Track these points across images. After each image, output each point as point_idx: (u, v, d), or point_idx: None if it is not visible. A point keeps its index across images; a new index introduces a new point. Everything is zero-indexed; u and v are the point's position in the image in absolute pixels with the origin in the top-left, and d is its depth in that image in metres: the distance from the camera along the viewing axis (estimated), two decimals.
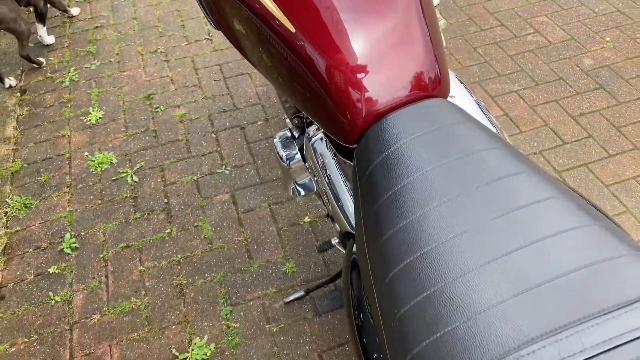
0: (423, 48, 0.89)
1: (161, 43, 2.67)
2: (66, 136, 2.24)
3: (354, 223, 0.90)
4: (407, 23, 0.89)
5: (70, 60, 2.62)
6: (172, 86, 2.43)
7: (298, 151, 1.26)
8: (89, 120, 2.29)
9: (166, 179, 2.03)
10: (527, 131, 2.11)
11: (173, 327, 1.61)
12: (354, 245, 1.03)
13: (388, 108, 0.86)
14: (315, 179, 1.22)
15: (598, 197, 1.87)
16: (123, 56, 2.61)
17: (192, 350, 1.55)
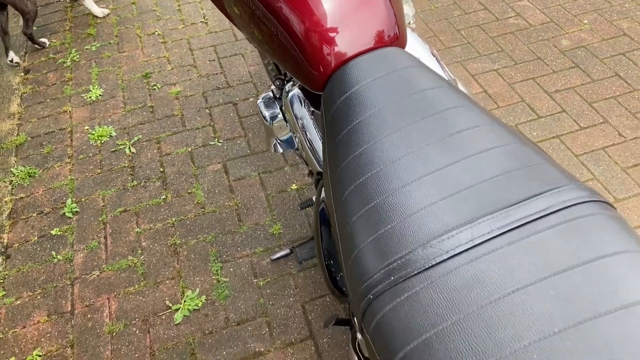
0: (383, 5, 1.01)
1: (158, 26, 2.78)
2: (68, 112, 2.36)
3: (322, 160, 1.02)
4: None
5: (71, 42, 2.74)
6: (169, 66, 2.54)
7: (279, 110, 1.38)
8: (90, 97, 2.41)
9: (162, 150, 2.15)
10: (504, 106, 2.23)
11: (167, 282, 1.73)
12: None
13: (350, 57, 0.98)
14: (294, 135, 1.34)
15: (568, 166, 1.99)
16: (122, 38, 2.73)
17: (185, 301, 1.67)
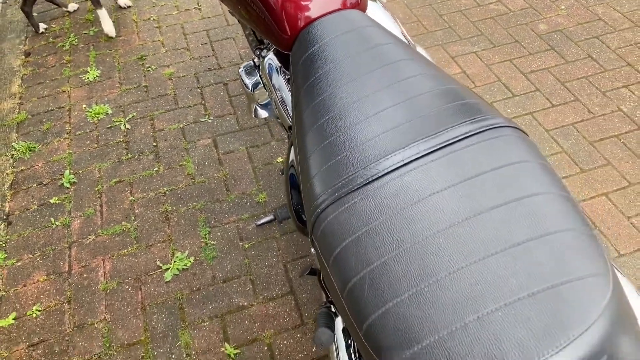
0: None
1: (154, 12, 2.90)
2: (66, 92, 2.47)
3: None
4: None
5: (70, 27, 2.85)
6: (163, 49, 2.66)
7: (260, 78, 1.49)
8: (87, 78, 2.52)
9: (155, 127, 2.27)
10: (481, 85, 2.34)
11: (158, 245, 1.85)
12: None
13: (313, 18, 1.10)
14: (271, 97, 1.45)
15: (539, 140, 2.10)
16: (119, 24, 2.84)
17: (174, 262, 1.79)
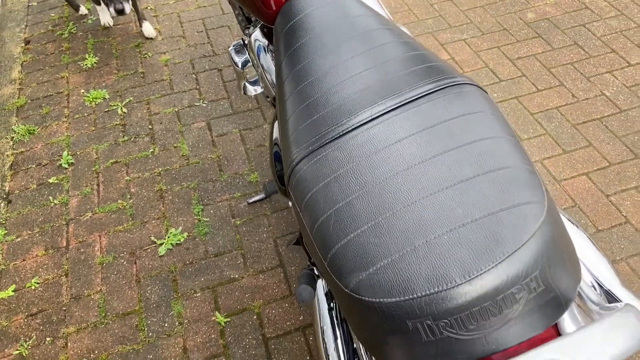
0: None
1: (151, 1, 2.96)
2: (65, 78, 2.54)
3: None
4: None
5: (69, 16, 2.91)
6: (160, 37, 2.72)
7: (248, 55, 1.55)
8: (85, 64, 2.59)
9: (151, 110, 2.33)
10: (469, 71, 2.40)
11: (153, 222, 1.91)
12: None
13: None
14: (257, 71, 1.52)
15: (524, 123, 2.16)
16: None
17: (168, 237, 1.85)
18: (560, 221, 0.66)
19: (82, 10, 2.89)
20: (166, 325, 1.63)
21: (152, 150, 2.16)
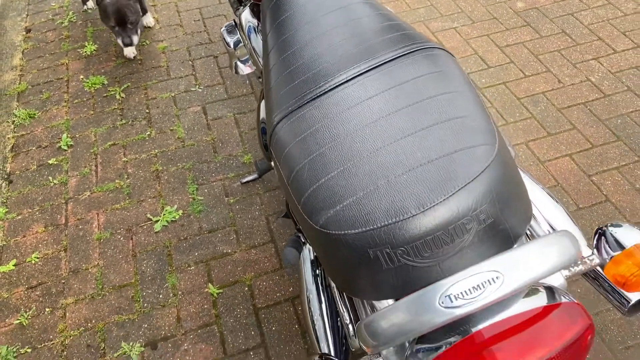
0: None
1: None
2: (65, 64, 2.60)
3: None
4: None
5: (69, 5, 2.98)
6: (157, 25, 2.78)
7: (240, 35, 1.62)
8: (85, 52, 2.65)
9: (148, 95, 2.40)
10: (458, 58, 2.46)
11: (149, 200, 1.98)
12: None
13: None
14: (247, 48, 1.58)
15: (510, 107, 2.22)
16: None
17: (164, 215, 1.91)
18: (512, 165, 0.72)
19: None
20: (161, 296, 1.70)
21: (149, 133, 2.23)
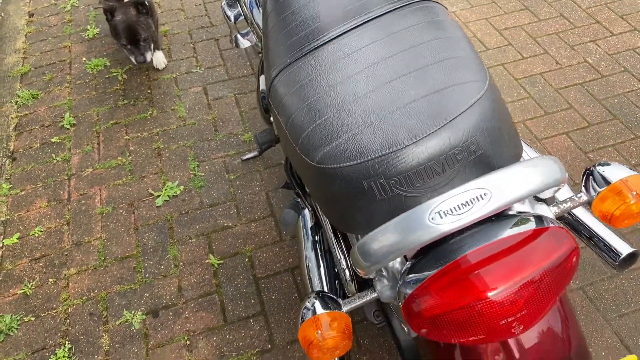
0: None
1: None
2: (67, 47, 2.63)
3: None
4: None
5: None
6: (159, 10, 2.81)
7: (240, 9, 1.64)
8: (87, 35, 2.68)
9: (150, 77, 2.42)
10: None
11: (151, 176, 2.00)
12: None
13: None
14: (248, 21, 1.60)
15: (508, 87, 2.24)
16: None
17: (165, 190, 1.94)
18: (502, 103, 0.74)
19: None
20: (162, 267, 1.72)
21: (151, 112, 2.25)
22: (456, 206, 0.63)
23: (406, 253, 0.66)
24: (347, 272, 0.95)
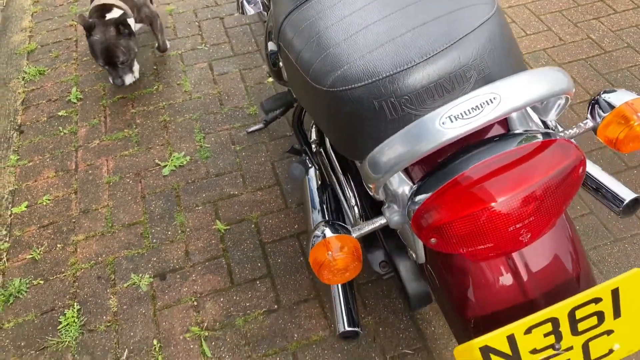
0: None
1: None
2: (73, 26, 2.65)
3: None
4: None
5: None
6: None
7: None
8: None
9: (156, 53, 2.44)
10: None
11: (157, 147, 2.02)
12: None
13: None
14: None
15: None
16: None
17: (172, 160, 1.96)
18: (508, 26, 0.76)
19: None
20: (169, 233, 1.74)
21: (157, 87, 2.27)
22: (466, 110, 0.64)
23: (420, 156, 0.67)
24: (356, 209, 0.97)
